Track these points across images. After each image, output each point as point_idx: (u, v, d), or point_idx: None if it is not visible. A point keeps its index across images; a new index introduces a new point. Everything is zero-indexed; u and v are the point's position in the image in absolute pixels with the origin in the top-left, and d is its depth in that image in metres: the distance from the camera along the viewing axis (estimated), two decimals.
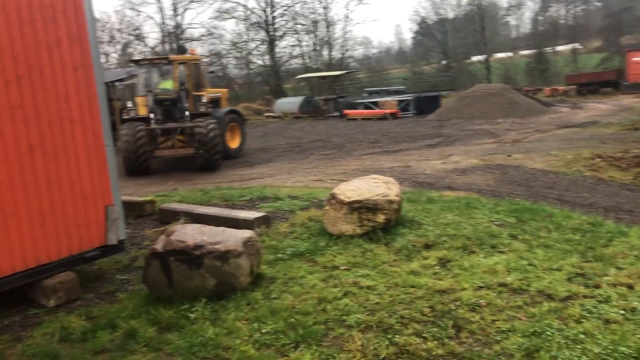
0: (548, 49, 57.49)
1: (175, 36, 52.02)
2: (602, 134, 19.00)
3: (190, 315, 4.37)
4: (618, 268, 4.87)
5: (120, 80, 22.82)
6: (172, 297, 4.65)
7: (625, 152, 14.11)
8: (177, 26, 52.08)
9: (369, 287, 4.74)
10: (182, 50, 45.71)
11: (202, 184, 12.20)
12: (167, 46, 51.60)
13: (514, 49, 68.86)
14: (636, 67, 35.55)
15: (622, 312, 3.97)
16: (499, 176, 12.48)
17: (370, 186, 6.53)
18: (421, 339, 3.78)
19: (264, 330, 4.06)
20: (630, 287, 4.42)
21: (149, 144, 14.04)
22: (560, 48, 61.65)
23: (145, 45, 52.85)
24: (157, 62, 16.04)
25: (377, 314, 4.19)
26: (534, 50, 56.52)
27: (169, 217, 7.60)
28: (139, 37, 52.13)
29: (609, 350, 3.42)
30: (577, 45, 61.20)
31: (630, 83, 35.09)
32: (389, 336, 3.83)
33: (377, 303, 4.40)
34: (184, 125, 14.45)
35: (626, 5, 60.33)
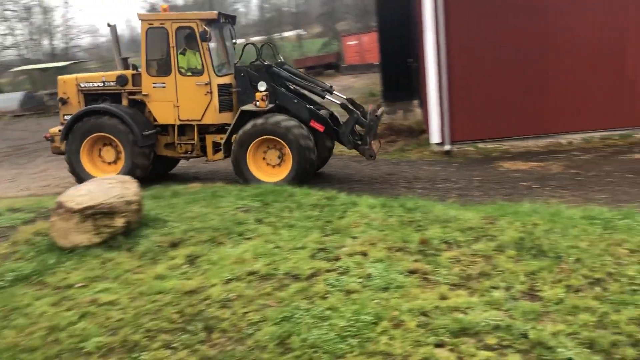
0: (276, 35, 60.77)
1: None
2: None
3: None
4: (353, 238, 5.19)
5: None
6: None
7: None
8: None
9: (110, 303, 4.24)
10: None
11: None
12: None
13: (245, 36, 71.28)
14: (351, 50, 39.75)
15: (360, 280, 4.22)
16: None
17: (104, 188, 5.91)
18: (171, 350, 3.49)
19: None
20: (364, 254, 4.74)
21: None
22: (286, 34, 65.78)
23: None
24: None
25: (120, 332, 3.75)
26: (264, 37, 59.18)
27: None
28: None
29: (352, 321, 3.57)
30: (301, 32, 66.05)
31: (347, 65, 39.09)
32: (135, 355, 3.45)
33: (120, 320, 3.95)
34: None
35: None
